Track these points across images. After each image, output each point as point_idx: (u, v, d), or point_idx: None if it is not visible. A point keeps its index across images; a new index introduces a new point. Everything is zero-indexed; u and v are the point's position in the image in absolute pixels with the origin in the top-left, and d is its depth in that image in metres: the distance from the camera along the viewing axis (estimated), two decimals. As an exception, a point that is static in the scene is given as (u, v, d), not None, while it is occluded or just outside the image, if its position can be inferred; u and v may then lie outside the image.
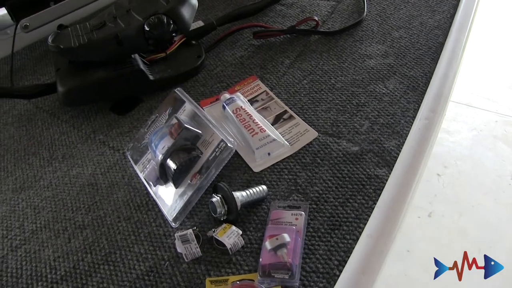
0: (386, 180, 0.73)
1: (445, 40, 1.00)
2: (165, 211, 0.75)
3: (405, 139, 0.79)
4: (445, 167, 1.93)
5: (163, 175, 0.77)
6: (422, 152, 0.76)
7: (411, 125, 0.82)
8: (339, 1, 1.20)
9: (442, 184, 1.87)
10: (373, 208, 0.70)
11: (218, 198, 0.70)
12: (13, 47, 1.15)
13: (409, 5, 1.14)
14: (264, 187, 0.74)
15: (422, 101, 0.87)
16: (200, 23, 1.11)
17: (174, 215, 0.73)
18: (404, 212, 0.68)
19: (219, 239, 0.67)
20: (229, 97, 0.89)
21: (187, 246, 0.67)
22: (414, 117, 0.84)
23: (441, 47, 0.99)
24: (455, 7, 1.09)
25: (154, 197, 0.78)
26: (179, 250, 0.68)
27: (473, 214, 1.76)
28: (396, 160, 0.76)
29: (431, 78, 0.92)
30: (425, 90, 0.89)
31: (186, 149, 0.77)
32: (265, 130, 0.82)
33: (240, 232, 0.69)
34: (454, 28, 1.02)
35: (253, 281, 0.64)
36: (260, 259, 0.65)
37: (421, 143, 0.78)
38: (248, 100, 0.92)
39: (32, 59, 1.26)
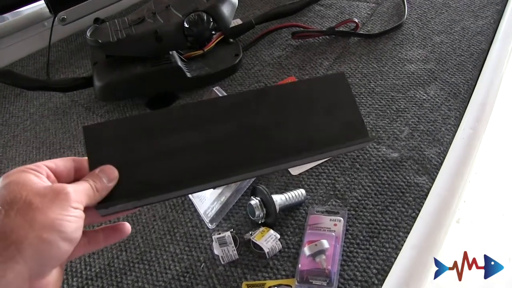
0: (427, 189, 0.72)
1: (488, 47, 0.98)
2: (201, 211, 0.74)
3: (446, 147, 0.78)
4: (475, 173, 1.89)
5: (201, 175, 0.77)
6: (466, 162, 0.74)
7: (452, 133, 0.80)
8: (379, 3, 1.18)
9: (472, 190, 1.83)
10: (413, 217, 0.68)
11: (257, 201, 0.69)
12: (50, 39, 1.16)
13: (450, 9, 1.12)
14: (303, 191, 0.73)
15: (464, 109, 0.85)
16: (238, 21, 1.10)
17: (211, 216, 0.72)
18: (448, 224, 0.66)
19: (257, 242, 0.67)
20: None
21: (224, 249, 0.67)
22: (455, 125, 0.82)
23: (483, 54, 0.96)
24: (499, 12, 1.07)
25: (191, 197, 0.77)
26: (216, 252, 0.68)
27: (503, 223, 1.73)
28: (436, 169, 0.75)
29: (473, 85, 0.89)
30: (467, 98, 0.87)
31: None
32: (303, 133, 0.80)
33: (278, 236, 0.68)
34: (499, 35, 0.99)
35: (291, 286, 0.63)
36: (299, 265, 0.64)
37: (465, 153, 0.76)
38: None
39: (68, 52, 1.27)
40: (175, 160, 0.43)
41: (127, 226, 0.46)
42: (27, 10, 1.29)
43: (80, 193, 0.38)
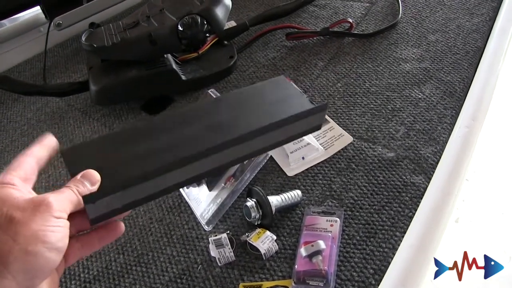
0: (423, 188, 0.72)
1: (484, 45, 0.98)
2: (198, 213, 0.74)
3: (442, 146, 0.78)
4: (474, 172, 1.89)
5: (197, 177, 0.77)
6: (462, 161, 0.74)
7: (448, 132, 0.80)
8: (373, 2, 1.18)
9: (470, 189, 1.83)
10: (409, 217, 0.68)
11: (253, 202, 0.69)
12: (46, 44, 1.16)
13: (445, 7, 1.12)
14: (299, 192, 0.73)
15: (459, 108, 0.85)
16: (232, 23, 1.10)
17: (208, 218, 0.72)
18: (445, 223, 0.66)
19: (253, 244, 0.66)
20: (262, 99, 0.88)
21: (221, 250, 0.66)
22: (451, 124, 0.82)
23: (479, 52, 0.96)
24: (495, 9, 1.06)
25: (187, 199, 0.77)
26: (212, 254, 0.67)
27: (502, 221, 1.72)
28: (432, 168, 0.74)
29: (468, 83, 0.89)
30: (463, 96, 0.87)
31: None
32: (299, 134, 0.80)
33: (274, 237, 0.68)
34: (495, 32, 0.99)
35: (287, 287, 0.63)
36: (295, 266, 0.64)
37: (461, 152, 0.75)
38: (282, 103, 0.91)
39: (64, 57, 1.27)
40: (148, 159, 0.47)
41: (120, 224, 0.46)
42: (23, 16, 1.29)
43: (62, 201, 0.38)
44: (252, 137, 0.49)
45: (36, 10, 1.23)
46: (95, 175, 0.43)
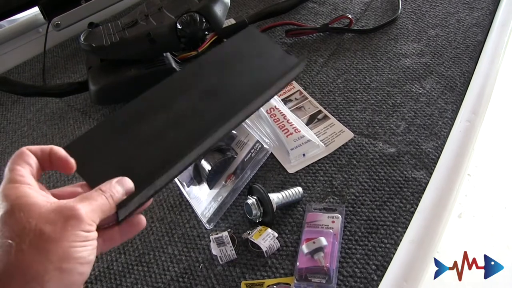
0: (425, 183, 0.71)
1: (485, 39, 0.97)
2: (199, 212, 0.74)
3: (443, 141, 0.77)
4: (476, 167, 1.89)
5: (197, 176, 0.77)
6: (464, 155, 0.74)
7: (449, 127, 0.80)
8: (373, -2, 1.18)
9: (472, 184, 1.82)
10: (411, 212, 0.68)
11: (254, 200, 0.69)
12: (45, 45, 1.16)
13: (445, 2, 1.11)
14: (300, 189, 0.73)
15: (460, 102, 0.84)
16: (231, 21, 1.10)
17: (209, 217, 0.72)
18: (447, 218, 0.65)
19: (255, 241, 0.66)
20: (262, 96, 0.88)
21: (222, 249, 0.66)
22: (452, 118, 0.81)
23: (480, 46, 0.96)
24: (495, 3, 1.06)
25: (188, 197, 0.77)
26: (214, 252, 0.67)
27: (505, 216, 1.72)
28: (434, 163, 0.74)
29: (469, 78, 0.89)
30: (463, 91, 0.86)
31: (221, 150, 0.76)
32: (299, 131, 0.80)
33: (276, 234, 0.68)
34: (495, 26, 0.99)
35: (289, 284, 0.63)
36: (297, 263, 0.64)
37: (462, 146, 0.75)
38: (282, 100, 0.90)
39: (63, 57, 1.27)
40: (158, 143, 0.46)
41: (142, 218, 0.45)
42: (21, 17, 1.29)
43: (93, 211, 0.37)
44: (251, 101, 0.50)
45: (35, 11, 1.23)
46: (130, 184, 0.41)
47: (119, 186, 0.40)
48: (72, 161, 0.41)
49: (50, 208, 0.35)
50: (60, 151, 0.41)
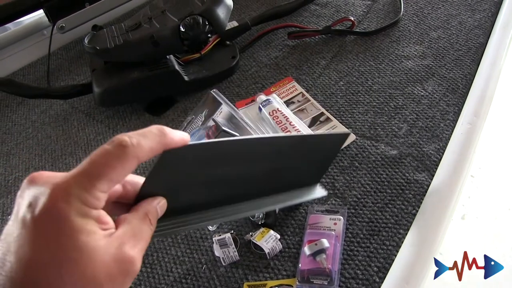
0: (426, 185, 0.72)
1: (486, 41, 0.97)
2: (202, 213, 0.74)
3: (445, 143, 0.78)
4: (479, 168, 1.89)
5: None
6: (465, 158, 0.74)
7: (451, 129, 0.80)
8: (375, 0, 1.18)
9: (476, 186, 1.83)
10: (413, 214, 0.68)
11: (256, 202, 0.69)
12: (49, 47, 1.16)
13: (447, 4, 1.11)
14: (302, 191, 0.73)
15: (462, 104, 0.84)
16: (234, 23, 1.10)
17: (211, 218, 0.72)
18: (448, 220, 0.66)
19: (257, 243, 0.67)
20: (265, 98, 0.88)
21: (225, 250, 0.67)
22: (454, 121, 0.81)
23: (482, 48, 0.96)
24: (497, 5, 1.06)
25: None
26: (217, 254, 0.68)
27: (509, 217, 1.72)
28: (436, 165, 0.74)
29: (471, 80, 0.89)
30: (465, 93, 0.87)
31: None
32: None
33: (278, 236, 0.68)
34: (497, 28, 0.99)
35: (292, 286, 0.63)
36: (299, 265, 0.64)
37: (464, 149, 0.75)
38: (284, 102, 0.91)
39: (67, 60, 1.28)
40: (216, 188, 0.45)
41: None
42: (26, 20, 1.30)
43: (142, 252, 0.35)
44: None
45: (39, 14, 1.24)
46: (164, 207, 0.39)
47: (160, 210, 0.39)
48: None
49: (110, 254, 0.32)
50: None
